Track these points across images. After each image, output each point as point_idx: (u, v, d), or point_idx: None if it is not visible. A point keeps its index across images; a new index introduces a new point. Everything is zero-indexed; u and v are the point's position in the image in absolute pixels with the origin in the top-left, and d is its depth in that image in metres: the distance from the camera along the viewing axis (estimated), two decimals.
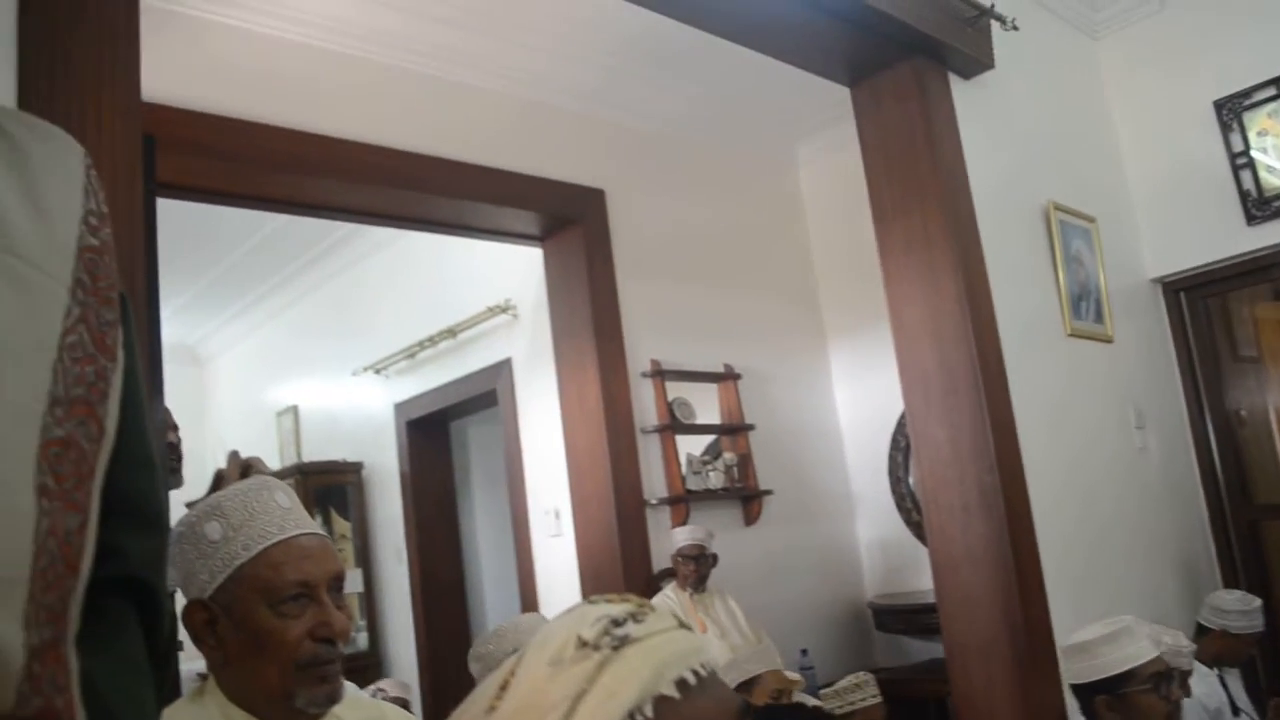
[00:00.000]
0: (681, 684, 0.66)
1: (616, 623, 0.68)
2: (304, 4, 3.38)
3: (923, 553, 4.32)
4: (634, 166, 4.39)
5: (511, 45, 3.86)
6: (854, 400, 4.96)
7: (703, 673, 0.68)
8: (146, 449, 0.85)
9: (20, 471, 0.70)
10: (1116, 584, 3.26)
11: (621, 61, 4.14)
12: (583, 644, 0.67)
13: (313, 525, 1.35)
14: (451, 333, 4.98)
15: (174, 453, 2.37)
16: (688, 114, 4.57)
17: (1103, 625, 2.44)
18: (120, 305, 0.84)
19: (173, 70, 2.98)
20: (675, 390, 4.26)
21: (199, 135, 2.98)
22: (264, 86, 3.28)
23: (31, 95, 1.35)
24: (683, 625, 0.71)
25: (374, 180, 3.43)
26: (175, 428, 2.41)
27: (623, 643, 0.67)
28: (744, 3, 2.64)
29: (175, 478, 2.34)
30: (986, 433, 2.87)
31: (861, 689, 3.28)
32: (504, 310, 4.68)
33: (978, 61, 3.22)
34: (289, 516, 1.32)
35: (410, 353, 5.30)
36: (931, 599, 3.19)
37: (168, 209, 2.43)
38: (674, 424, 4.20)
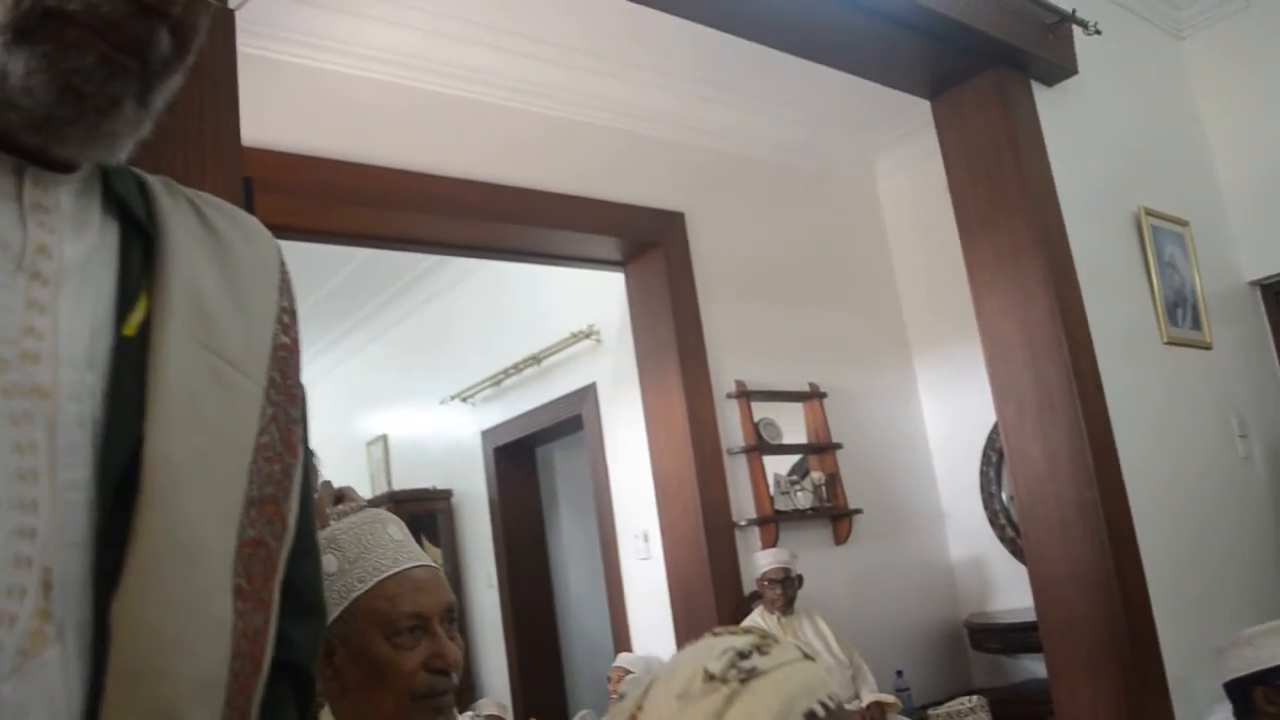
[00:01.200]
0: (810, 716, 0.66)
1: (743, 655, 0.68)
2: (385, 42, 3.46)
3: (1018, 569, 4.24)
4: (712, 188, 4.40)
5: (588, 74, 3.91)
6: (942, 415, 4.89)
7: (830, 704, 0.67)
8: (313, 538, 0.88)
9: (221, 577, 0.72)
10: (1224, 597, 3.16)
11: (697, 84, 4.17)
12: (710, 677, 0.67)
13: (424, 557, 1.37)
14: (536, 359, 5.03)
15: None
16: (764, 133, 4.57)
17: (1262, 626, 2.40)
18: (302, 401, 0.87)
19: (263, 112, 3.07)
20: (761, 410, 4.24)
21: (290, 175, 3.07)
22: (350, 125, 3.37)
23: (139, 146, 1.40)
24: (807, 656, 0.71)
25: (458, 213, 3.50)
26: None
27: (750, 675, 0.67)
28: (823, 22, 2.63)
29: None
30: (1084, 447, 2.81)
31: (976, 714, 3.21)
32: (588, 335, 4.71)
33: (1060, 68, 3.17)
34: (402, 549, 1.35)
35: (496, 380, 5.36)
36: (1030, 617, 3.13)
37: None
38: (760, 444, 4.18)
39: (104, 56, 0.68)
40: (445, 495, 6.13)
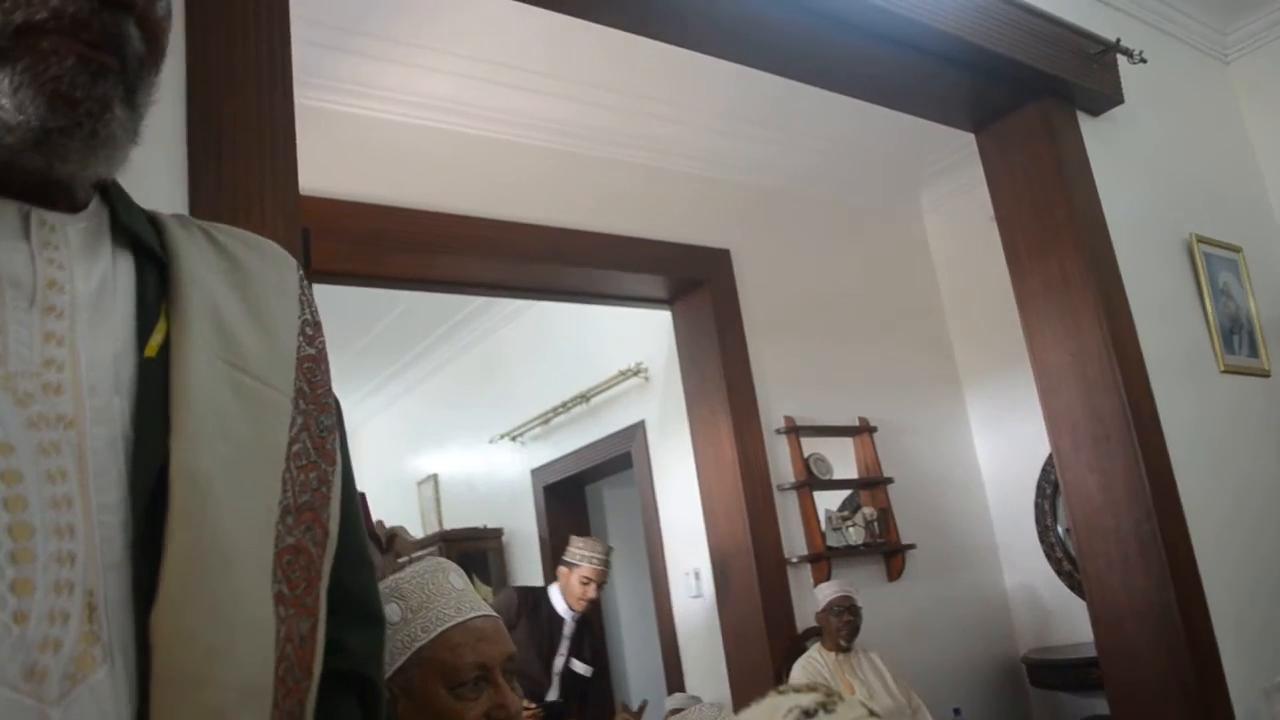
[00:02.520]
0: None
1: (808, 714, 0.68)
2: (432, 90, 3.53)
3: (1076, 603, 4.17)
4: (757, 224, 4.42)
5: (631, 115, 3.95)
6: (994, 448, 4.83)
7: None
8: (362, 546, 0.89)
9: (260, 582, 0.73)
10: None
11: (739, 122, 4.20)
12: None
13: (485, 607, 1.38)
14: (585, 398, 5.05)
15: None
16: (808, 168, 4.58)
17: None
18: (335, 409, 0.88)
19: (314, 161, 3.13)
20: (810, 446, 4.22)
21: (343, 222, 3.13)
22: (399, 171, 3.43)
23: (202, 203, 1.44)
24: (873, 714, 0.70)
25: (505, 254, 3.54)
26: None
27: None
28: (867, 60, 2.64)
29: None
30: (1142, 478, 2.76)
31: None
32: (636, 373, 4.73)
33: (1106, 97, 3.15)
34: (464, 598, 1.36)
35: (545, 419, 5.39)
36: (1090, 652, 3.07)
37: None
38: (811, 480, 4.15)
39: (82, 57, 0.69)
40: (496, 534, 6.15)
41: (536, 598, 4.28)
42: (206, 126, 1.48)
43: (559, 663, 4.20)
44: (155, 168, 1.44)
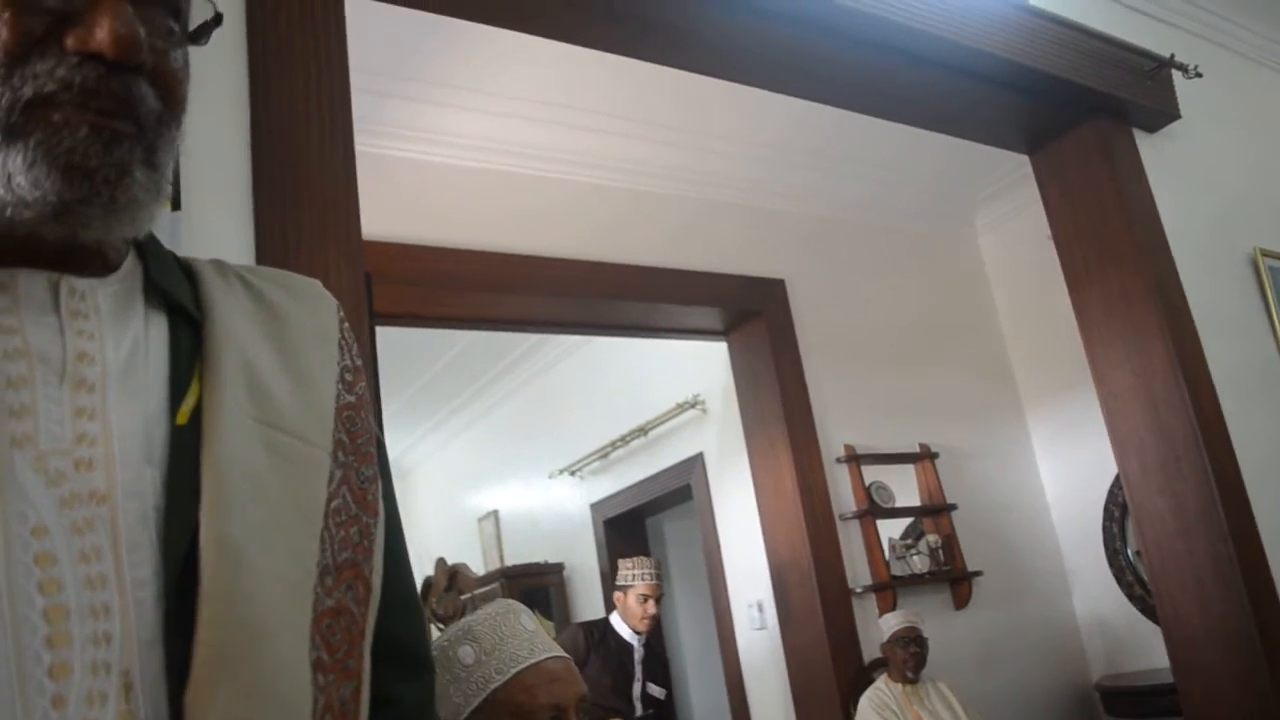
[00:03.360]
0: None
1: None
2: (485, 132, 3.60)
3: (1150, 628, 4.07)
4: (811, 253, 4.41)
5: (683, 149, 3.98)
6: (1059, 471, 4.75)
7: None
8: (409, 591, 0.87)
9: (297, 652, 0.71)
10: None
11: (789, 151, 4.21)
12: None
13: (556, 648, 1.39)
14: (642, 431, 5.06)
15: None
16: (860, 196, 4.57)
17: None
18: (377, 452, 0.86)
19: (372, 206, 3.19)
20: (872, 474, 4.19)
21: (400, 265, 3.18)
22: (455, 213, 3.49)
23: (267, 252, 1.48)
24: None
25: (562, 292, 3.57)
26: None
27: None
28: (920, 88, 2.64)
29: None
30: (1214, 499, 2.70)
31: None
32: (693, 405, 4.72)
33: (1162, 113, 3.11)
34: (535, 640, 1.37)
35: (603, 453, 5.40)
36: (1166, 678, 3.00)
37: None
38: (873, 508, 4.11)
39: (95, 126, 0.68)
40: (557, 569, 6.16)
41: (601, 630, 4.27)
42: (271, 178, 1.51)
43: (637, 688, 4.19)
44: (223, 219, 1.47)
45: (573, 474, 5.79)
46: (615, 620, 4.27)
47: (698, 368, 4.70)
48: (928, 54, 2.54)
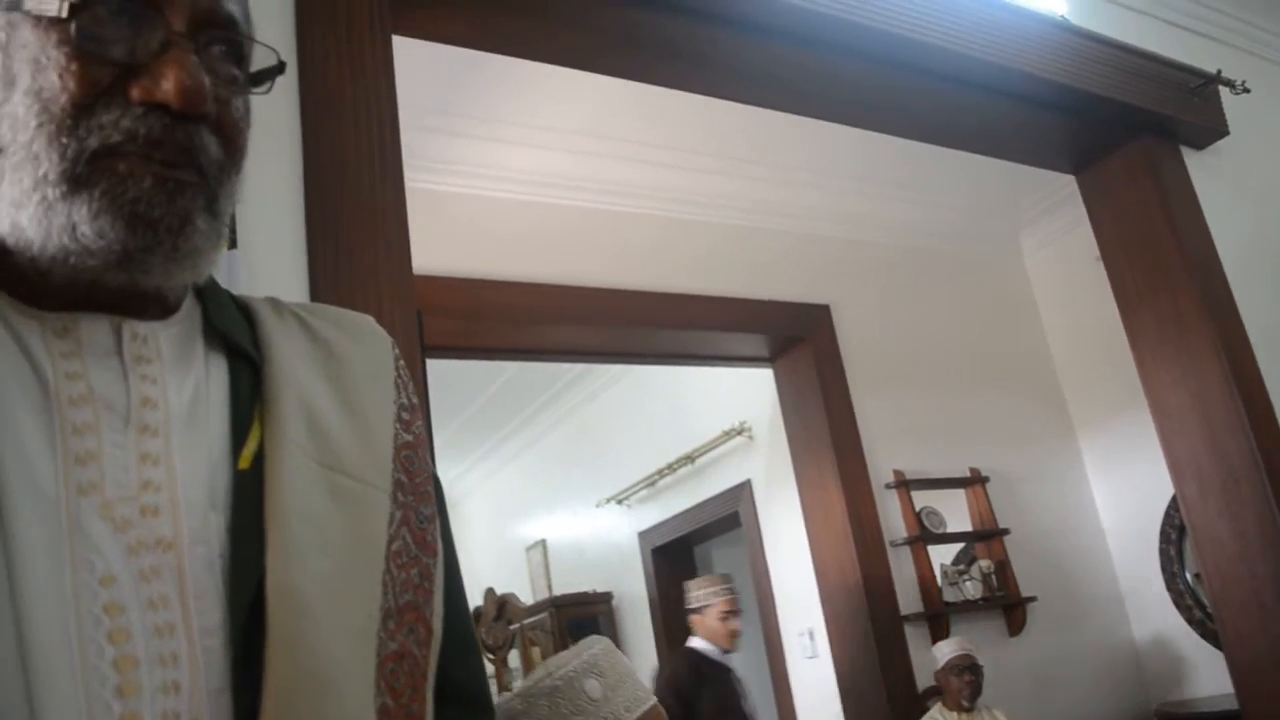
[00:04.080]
0: None
1: None
2: (529, 165, 3.63)
3: (1211, 653, 3.99)
4: (856, 278, 4.40)
5: (725, 177, 4.00)
6: (1113, 493, 4.68)
7: None
8: (469, 631, 0.87)
9: (363, 700, 0.71)
10: None
11: (831, 176, 4.21)
12: None
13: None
14: (689, 458, 5.05)
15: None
16: (903, 218, 4.56)
17: None
18: (435, 490, 0.86)
19: (420, 240, 3.24)
20: (922, 499, 4.15)
21: (448, 299, 3.22)
22: (501, 245, 3.52)
23: (321, 290, 1.50)
24: None
25: (607, 321, 3.59)
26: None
27: None
28: (961, 111, 2.64)
29: None
30: (1275, 521, 2.64)
31: None
32: (740, 433, 4.71)
33: (1210, 130, 3.08)
34: (641, 682, 1.39)
35: (650, 481, 5.39)
36: (1230, 704, 2.93)
37: None
38: (924, 534, 4.07)
39: (159, 177, 0.68)
40: (606, 598, 6.15)
41: (694, 659, 4.05)
42: (324, 217, 1.54)
43: (748, 706, 4.05)
44: (277, 257, 1.50)
45: (620, 502, 5.79)
46: (700, 645, 4.07)
47: (744, 394, 4.69)
48: (970, 77, 2.54)
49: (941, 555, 4.20)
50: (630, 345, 3.86)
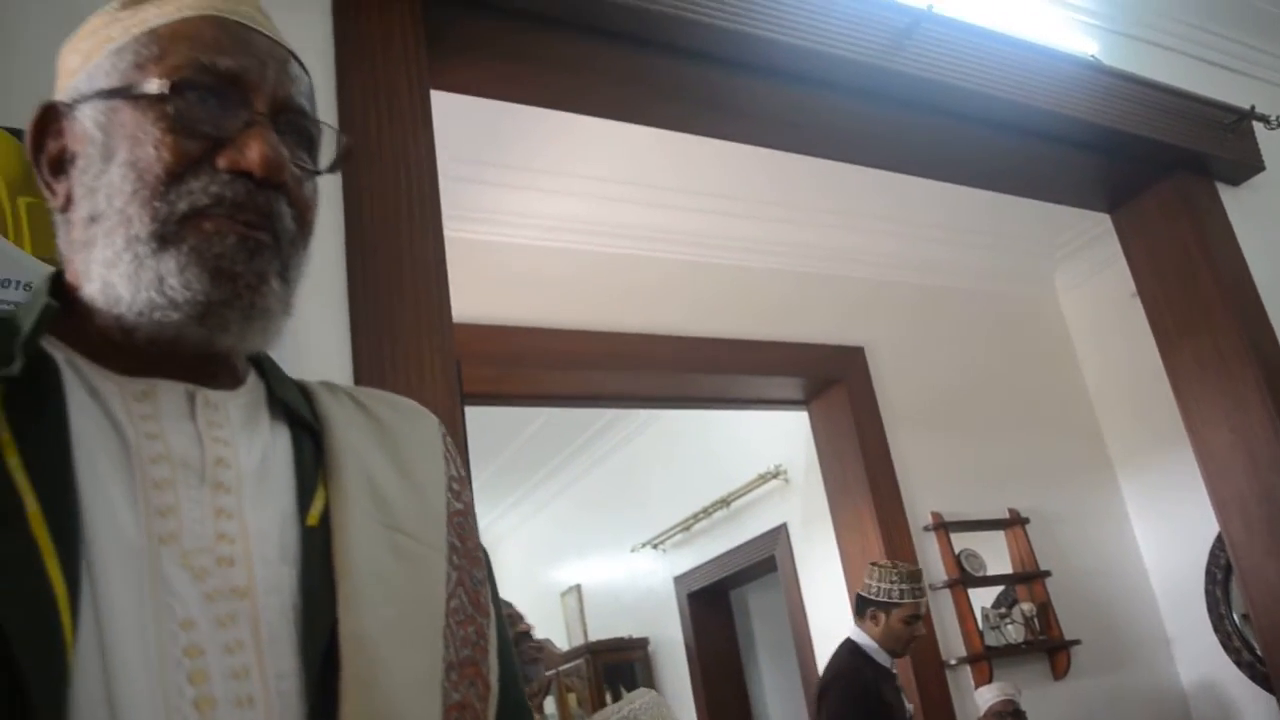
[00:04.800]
0: None
1: None
2: (561, 211, 3.67)
3: (1259, 694, 3.90)
4: (889, 319, 4.38)
5: (755, 220, 4.01)
6: (1156, 532, 4.60)
7: None
8: (520, 693, 0.90)
9: None
10: None
11: (863, 218, 4.22)
12: None
13: None
14: (725, 502, 5.03)
15: (531, 641, 2.46)
16: (936, 259, 4.55)
17: None
18: (485, 562, 0.90)
19: (456, 288, 3.27)
20: (960, 541, 4.10)
21: (483, 346, 3.24)
22: (535, 292, 3.55)
23: (362, 348, 1.51)
24: None
25: (641, 366, 3.60)
26: (521, 617, 2.51)
27: None
28: (994, 154, 2.65)
29: (536, 668, 2.42)
30: None
31: None
32: (775, 476, 4.69)
33: (1246, 165, 3.07)
34: None
35: (686, 525, 5.37)
36: None
37: None
38: (964, 577, 4.02)
39: (242, 236, 0.75)
40: (642, 644, 6.10)
41: (863, 658, 3.46)
42: (365, 270, 1.56)
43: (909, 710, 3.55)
44: (318, 310, 1.52)
45: (655, 547, 5.76)
46: (863, 641, 3.48)
47: (779, 437, 4.67)
48: (1002, 119, 2.55)
49: (982, 598, 4.15)
50: (665, 390, 3.87)
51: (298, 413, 0.85)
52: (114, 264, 0.75)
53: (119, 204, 0.75)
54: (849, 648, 3.49)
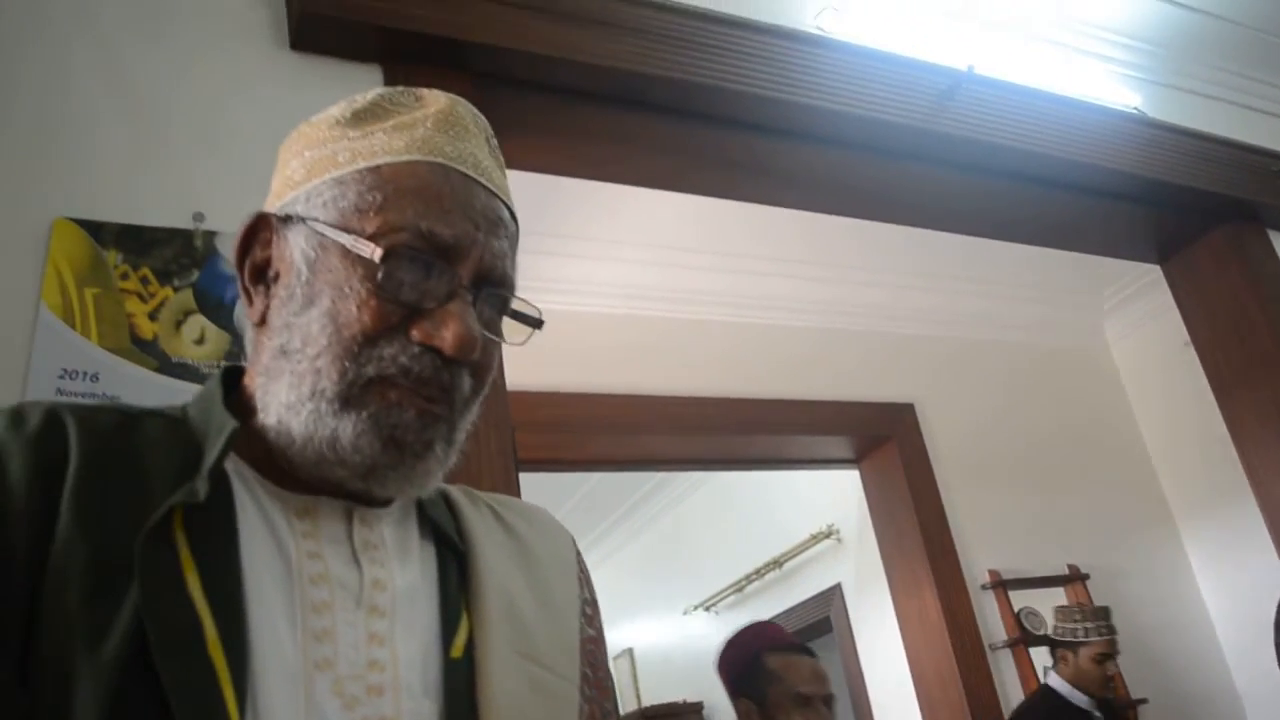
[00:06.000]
0: None
1: None
2: (607, 278, 3.71)
3: None
4: (938, 375, 4.35)
5: (801, 281, 4.03)
6: (1221, 585, 4.48)
7: None
8: None
9: None
10: None
11: (909, 276, 4.21)
12: None
13: None
14: (777, 563, 4.98)
15: None
16: (984, 313, 4.52)
17: None
18: (612, 691, 0.91)
19: (506, 357, 3.30)
20: (1020, 599, 4.02)
21: (534, 413, 3.26)
22: (585, 358, 3.57)
23: None
24: None
25: (691, 430, 3.60)
26: None
27: None
28: (1043, 210, 2.64)
29: None
30: None
31: None
32: (828, 535, 4.65)
33: None
34: None
35: (738, 587, 5.32)
36: None
37: None
38: (1025, 636, 3.94)
39: (421, 411, 0.75)
40: (696, 709, 6.01)
41: (1055, 705, 3.52)
42: None
43: None
44: None
45: (708, 609, 5.71)
46: (1060, 686, 3.55)
47: (830, 496, 4.63)
48: (1048, 175, 2.55)
49: (1043, 657, 4.05)
50: (715, 452, 3.87)
51: (445, 533, 0.85)
52: (295, 410, 0.75)
53: (312, 352, 0.75)
54: (1042, 692, 3.59)
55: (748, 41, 2.07)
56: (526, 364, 3.34)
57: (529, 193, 3.15)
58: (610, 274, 3.71)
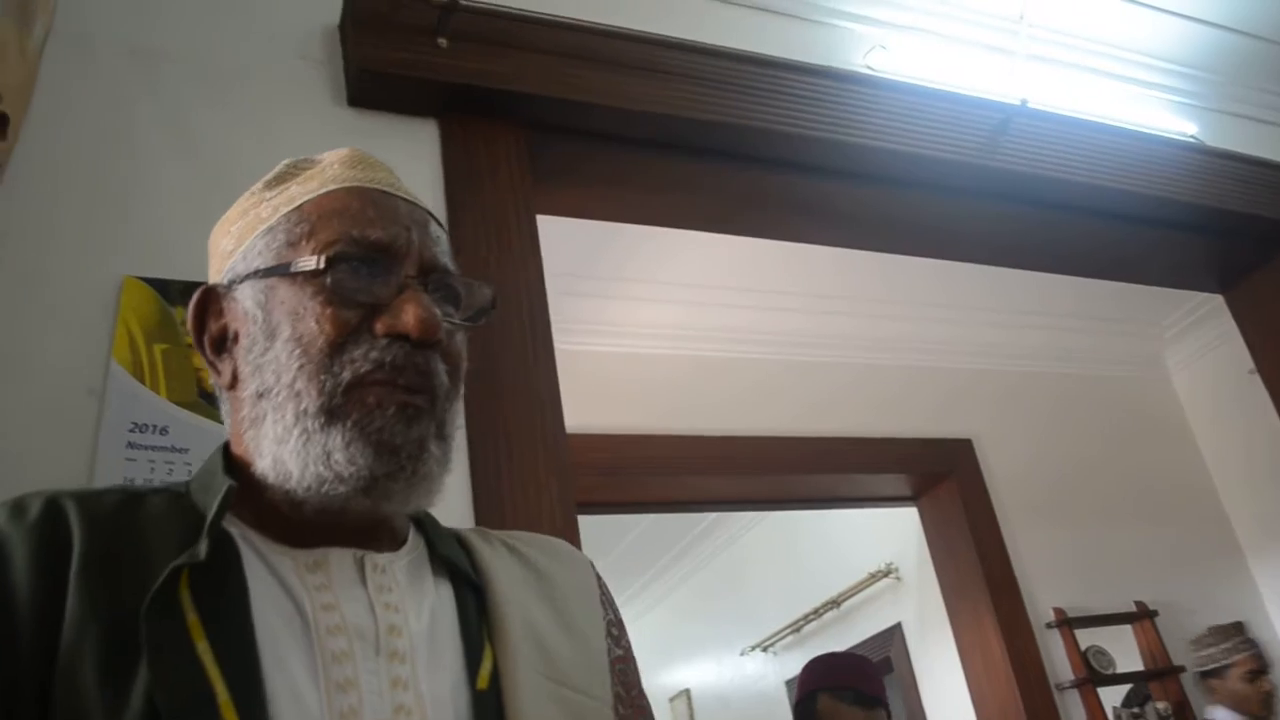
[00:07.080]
0: None
1: None
2: (657, 319, 3.71)
3: None
4: (997, 409, 4.30)
5: (855, 318, 4.01)
6: None
7: None
8: None
9: None
10: None
11: (964, 310, 4.18)
12: None
13: None
14: (835, 603, 4.92)
15: None
16: (1041, 347, 4.47)
17: None
18: (647, 711, 0.91)
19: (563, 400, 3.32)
20: (1086, 638, 3.93)
21: (588, 456, 3.25)
22: (636, 399, 3.57)
23: (480, 469, 1.53)
24: None
25: (745, 470, 3.58)
26: None
27: None
28: (1102, 243, 2.61)
29: None
30: None
31: None
32: (886, 574, 4.59)
33: None
34: None
35: (796, 627, 5.26)
36: None
37: None
38: (1092, 675, 3.84)
39: (401, 405, 0.77)
40: None
41: None
42: (480, 393, 1.58)
43: None
44: None
45: (765, 650, 5.64)
46: (1223, 715, 3.60)
47: (888, 534, 4.58)
48: (1106, 208, 2.51)
49: (1112, 697, 3.95)
50: (769, 492, 3.84)
51: (459, 568, 0.86)
52: (284, 440, 0.77)
53: (287, 379, 0.78)
54: None
55: (798, 84, 2.08)
56: (577, 405, 3.35)
57: (573, 235, 3.18)
58: (658, 314, 3.72)
